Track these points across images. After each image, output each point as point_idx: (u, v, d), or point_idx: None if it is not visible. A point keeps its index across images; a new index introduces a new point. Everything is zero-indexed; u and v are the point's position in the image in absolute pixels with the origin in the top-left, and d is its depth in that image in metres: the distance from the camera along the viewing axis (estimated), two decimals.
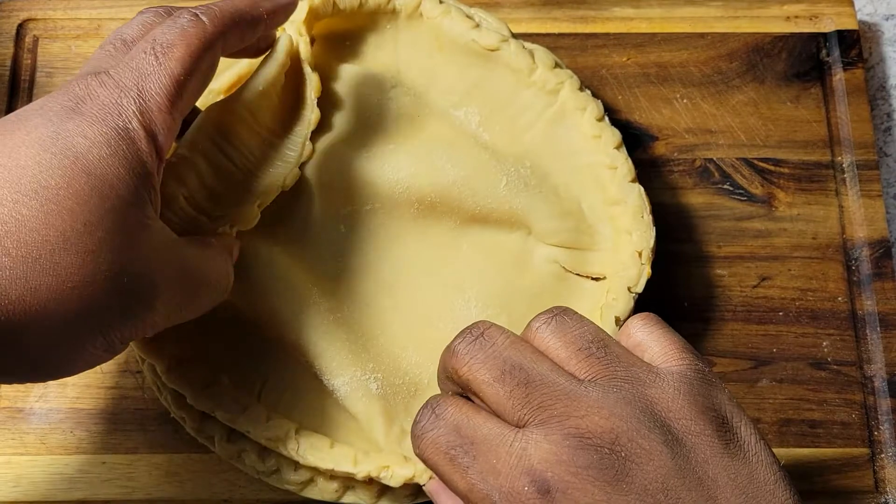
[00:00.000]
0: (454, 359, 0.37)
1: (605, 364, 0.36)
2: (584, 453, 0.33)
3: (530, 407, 0.35)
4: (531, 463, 0.33)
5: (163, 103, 0.37)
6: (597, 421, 0.34)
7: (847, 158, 0.57)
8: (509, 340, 0.37)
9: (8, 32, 0.59)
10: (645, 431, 0.33)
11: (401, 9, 0.53)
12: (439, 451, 0.36)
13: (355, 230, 0.51)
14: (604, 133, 0.51)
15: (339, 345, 0.48)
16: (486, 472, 0.34)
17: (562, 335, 0.37)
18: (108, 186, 0.34)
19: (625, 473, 0.33)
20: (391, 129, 0.51)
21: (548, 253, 0.50)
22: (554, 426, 0.34)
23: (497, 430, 0.35)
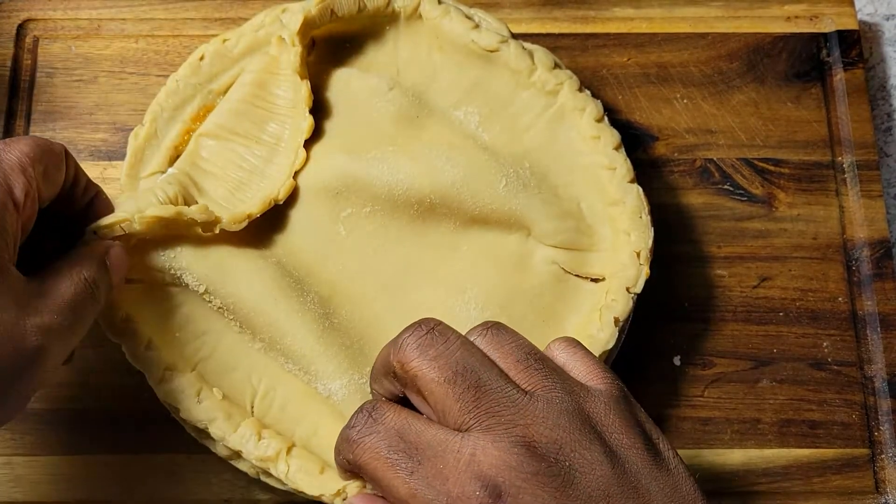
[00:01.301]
0: (401, 353, 0.37)
1: (543, 376, 0.37)
2: (533, 461, 0.34)
3: (478, 412, 0.35)
4: (481, 468, 0.34)
5: (15, 165, 0.40)
6: (542, 431, 0.35)
7: (847, 158, 0.57)
8: (460, 341, 0.37)
9: (8, 33, 0.59)
10: (586, 443, 0.35)
11: (400, 10, 0.53)
12: (379, 457, 0.36)
13: (355, 232, 0.51)
14: (603, 134, 0.51)
15: (336, 349, 0.48)
16: (431, 476, 0.34)
17: (499, 346, 0.38)
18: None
19: (570, 481, 0.34)
20: (391, 130, 0.51)
21: (547, 254, 0.50)
22: (501, 433, 0.34)
23: (441, 436, 0.35)
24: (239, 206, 0.50)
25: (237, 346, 0.49)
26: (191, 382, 0.47)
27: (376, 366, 0.40)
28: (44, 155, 0.41)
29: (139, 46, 0.59)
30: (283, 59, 0.51)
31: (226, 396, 0.47)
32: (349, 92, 0.52)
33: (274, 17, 0.53)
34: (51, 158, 0.42)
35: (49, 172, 0.42)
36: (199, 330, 0.49)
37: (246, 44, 0.53)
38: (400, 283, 0.50)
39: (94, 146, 0.57)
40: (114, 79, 0.58)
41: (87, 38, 0.59)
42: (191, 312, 0.49)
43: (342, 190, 0.50)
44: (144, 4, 0.60)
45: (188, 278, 0.48)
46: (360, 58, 0.54)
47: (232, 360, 0.48)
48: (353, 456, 0.37)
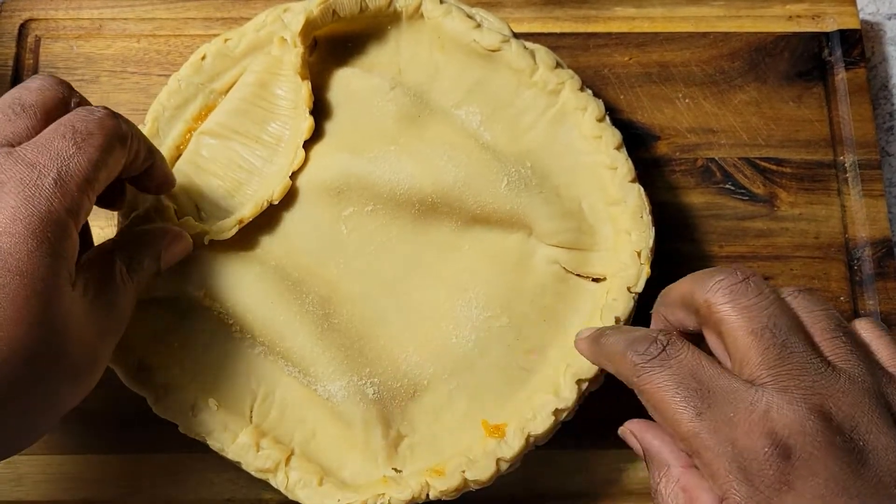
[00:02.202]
0: (711, 294, 0.37)
1: (849, 350, 0.36)
2: (829, 431, 0.34)
3: (778, 370, 0.35)
4: (774, 426, 0.34)
5: (81, 185, 0.38)
6: (841, 405, 0.34)
7: (849, 158, 0.57)
8: (774, 297, 0.37)
9: (10, 32, 0.59)
10: (885, 427, 0.34)
11: (402, 10, 0.53)
12: (667, 390, 0.36)
13: (356, 231, 0.51)
14: (604, 133, 0.51)
15: (335, 350, 0.48)
16: (719, 422, 0.35)
17: (810, 311, 0.38)
18: (37, 280, 0.36)
19: (863, 460, 0.34)
20: (392, 129, 0.51)
21: (549, 253, 0.50)
22: (797, 396, 0.34)
23: (735, 385, 0.35)
24: (233, 211, 0.50)
25: (236, 352, 0.49)
26: (186, 397, 0.47)
27: (673, 295, 0.40)
28: (110, 154, 0.40)
29: (141, 46, 0.59)
30: (284, 59, 0.51)
31: (222, 406, 0.47)
32: (351, 91, 0.52)
33: (275, 17, 0.53)
34: (117, 155, 0.41)
35: (112, 169, 0.41)
36: (200, 339, 0.49)
37: (247, 43, 0.53)
38: (401, 283, 0.50)
39: None
40: (115, 78, 0.58)
41: (89, 37, 0.59)
42: (189, 321, 0.49)
43: (344, 189, 0.50)
44: (146, 4, 0.60)
45: (188, 286, 0.48)
46: (361, 57, 0.54)
47: (231, 366, 0.49)
48: (637, 381, 0.37)
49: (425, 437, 0.48)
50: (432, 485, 0.45)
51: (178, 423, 0.47)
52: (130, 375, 0.47)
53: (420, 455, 0.47)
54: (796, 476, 0.33)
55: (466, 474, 0.45)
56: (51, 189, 0.37)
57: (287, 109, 0.51)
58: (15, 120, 0.39)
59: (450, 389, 0.48)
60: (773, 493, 0.33)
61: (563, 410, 0.47)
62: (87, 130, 0.39)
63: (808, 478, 0.33)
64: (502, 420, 0.47)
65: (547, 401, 0.46)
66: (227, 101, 0.52)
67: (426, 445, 0.47)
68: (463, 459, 0.46)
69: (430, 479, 0.45)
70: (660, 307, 0.42)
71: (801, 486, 0.33)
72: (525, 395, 0.48)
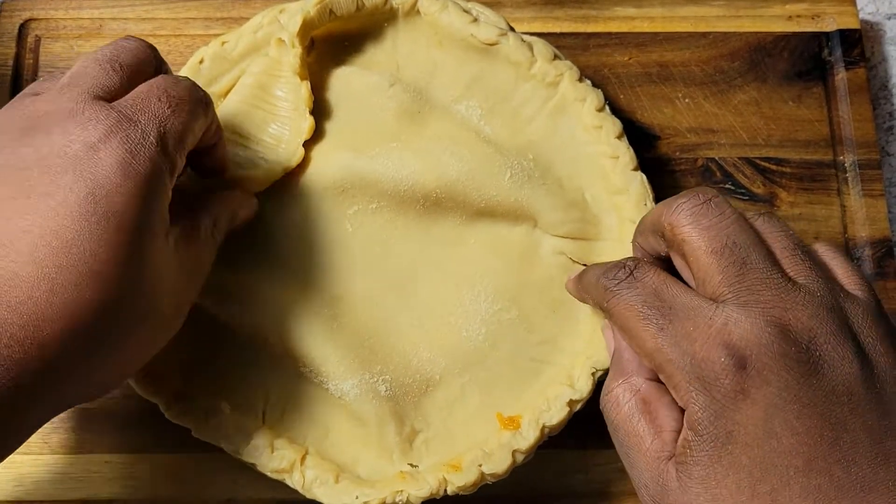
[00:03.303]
0: (674, 216, 0.39)
1: (808, 267, 0.38)
2: (785, 342, 0.35)
3: (738, 287, 0.37)
4: (731, 338, 0.35)
5: (177, 145, 0.40)
6: (799, 317, 0.36)
7: (849, 158, 0.57)
8: (735, 217, 0.39)
9: (10, 32, 0.59)
10: (841, 338, 0.36)
11: (398, 7, 0.53)
12: (632, 310, 0.38)
13: (362, 229, 0.51)
14: (604, 123, 0.51)
15: (345, 349, 0.48)
16: (679, 336, 0.36)
17: (771, 231, 0.39)
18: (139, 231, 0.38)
19: (817, 371, 0.35)
20: (393, 126, 0.51)
21: (554, 244, 0.50)
22: (756, 310, 0.36)
23: (696, 301, 0.37)
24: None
25: (246, 355, 0.49)
26: (197, 402, 0.47)
27: (645, 221, 0.42)
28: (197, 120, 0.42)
29: None
30: (283, 60, 0.51)
31: (235, 408, 0.47)
32: (350, 90, 0.53)
33: (272, 18, 0.53)
34: (201, 122, 0.43)
35: (196, 135, 0.43)
36: (208, 344, 0.49)
37: (245, 45, 0.53)
38: (408, 279, 0.50)
39: None
40: None
41: (89, 37, 0.59)
42: (199, 329, 0.49)
43: (348, 187, 0.50)
44: (146, 4, 0.60)
45: None
46: (359, 56, 0.54)
47: (242, 368, 0.49)
48: (607, 304, 0.40)
49: (440, 431, 0.48)
50: (450, 480, 0.45)
51: (192, 427, 0.47)
52: (141, 383, 0.47)
53: (435, 450, 0.47)
54: (751, 385, 0.35)
55: (483, 468, 0.45)
56: (154, 146, 0.38)
57: (287, 110, 0.51)
58: (112, 76, 0.40)
59: (462, 383, 0.48)
60: (729, 402, 0.35)
61: (578, 401, 0.47)
62: (179, 96, 0.41)
63: (763, 386, 0.35)
64: (516, 412, 0.47)
65: (561, 392, 0.47)
66: (226, 104, 0.52)
67: (441, 440, 0.48)
68: (478, 453, 0.46)
69: (447, 475, 0.45)
70: (636, 236, 0.43)
71: (755, 394, 0.35)
72: (539, 386, 0.48)
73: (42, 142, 0.37)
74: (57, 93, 0.39)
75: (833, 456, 0.34)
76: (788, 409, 0.34)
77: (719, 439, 0.35)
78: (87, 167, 0.36)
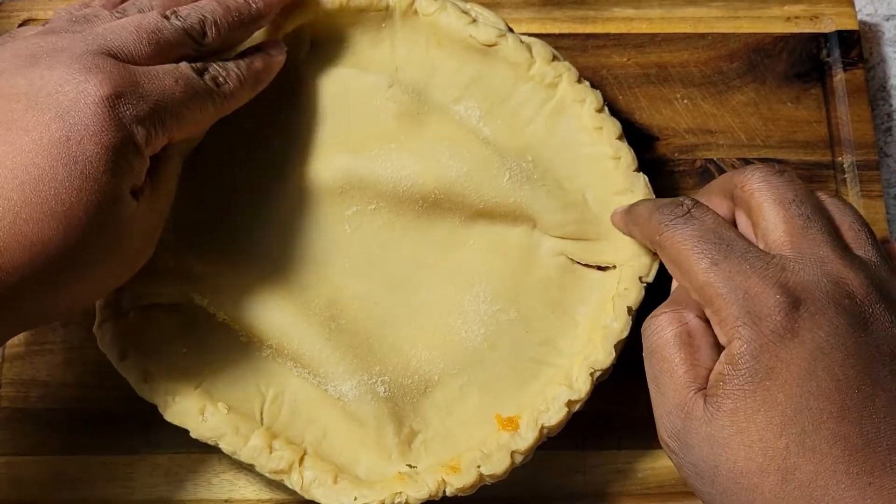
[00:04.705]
0: (747, 176, 0.40)
1: (870, 244, 0.39)
2: (840, 293, 0.36)
3: (801, 239, 0.38)
4: (787, 282, 0.36)
5: (171, 127, 0.41)
6: (853, 278, 0.37)
7: (848, 159, 0.57)
8: (804, 186, 0.41)
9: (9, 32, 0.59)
10: (892, 305, 0.37)
11: (394, 6, 0.53)
12: (687, 244, 0.39)
13: (360, 230, 0.51)
14: (604, 124, 0.51)
15: (344, 350, 0.48)
16: (733, 272, 0.37)
17: (840, 209, 0.41)
18: (114, 186, 0.39)
19: (866, 326, 0.36)
20: (392, 127, 0.51)
21: (554, 245, 0.50)
22: (814, 264, 0.37)
23: (754, 248, 0.38)
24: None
25: (243, 356, 0.49)
26: (194, 402, 0.47)
27: (712, 184, 0.44)
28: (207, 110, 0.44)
29: None
30: None
31: (232, 409, 0.47)
32: (349, 91, 0.52)
33: None
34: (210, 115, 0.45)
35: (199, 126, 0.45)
36: (206, 344, 0.49)
37: None
38: (407, 280, 0.50)
39: None
40: None
41: None
42: (196, 328, 0.49)
43: (346, 188, 0.50)
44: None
45: (193, 293, 0.48)
46: (357, 57, 0.54)
47: (239, 369, 0.49)
48: (660, 237, 0.41)
49: (438, 432, 0.48)
50: (448, 482, 0.45)
51: (190, 428, 0.47)
52: (139, 383, 0.47)
53: (434, 450, 0.47)
54: (802, 326, 0.35)
55: (482, 469, 0.45)
56: (147, 121, 0.40)
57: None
58: (141, 48, 0.42)
59: (461, 384, 0.48)
60: (776, 339, 0.35)
61: (577, 402, 0.47)
62: (197, 88, 0.43)
63: (813, 329, 0.35)
64: (515, 413, 0.47)
65: (560, 392, 0.47)
66: None
67: (440, 441, 0.48)
68: (477, 454, 0.46)
69: (446, 477, 0.45)
70: (699, 197, 0.44)
71: (805, 335, 0.35)
72: (537, 387, 0.48)
73: (39, 75, 0.38)
74: (80, 38, 0.40)
75: (867, 410, 0.34)
76: (833, 356, 0.35)
77: (758, 374, 0.35)
78: (72, 111, 0.37)
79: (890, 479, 0.33)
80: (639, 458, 0.52)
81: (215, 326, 0.49)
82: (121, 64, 0.40)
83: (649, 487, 0.51)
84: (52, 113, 0.37)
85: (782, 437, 0.34)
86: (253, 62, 0.47)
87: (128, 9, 0.45)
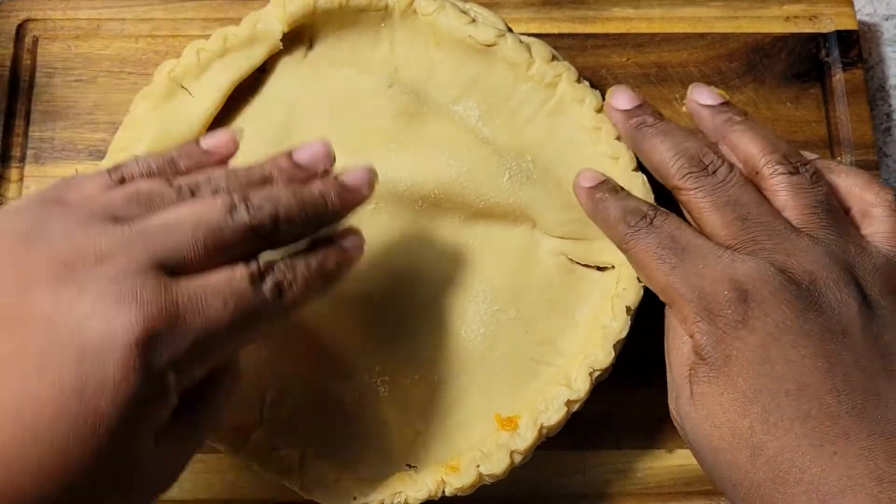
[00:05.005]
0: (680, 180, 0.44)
1: (824, 225, 0.41)
2: (785, 281, 0.39)
3: (742, 238, 0.41)
4: (736, 275, 0.39)
5: (208, 359, 0.36)
6: (801, 261, 0.39)
7: (847, 159, 0.57)
8: (735, 179, 0.43)
9: (8, 33, 0.59)
10: (841, 284, 0.39)
11: (393, 6, 0.53)
12: (649, 251, 0.42)
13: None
14: (604, 124, 0.51)
15: (343, 350, 0.48)
16: (689, 273, 0.40)
17: (796, 191, 0.42)
18: (128, 442, 0.33)
19: (814, 308, 0.38)
20: (391, 127, 0.51)
21: (553, 245, 0.50)
22: (761, 256, 0.40)
23: (708, 245, 0.41)
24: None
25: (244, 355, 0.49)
26: None
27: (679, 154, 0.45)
28: (243, 340, 0.37)
29: (139, 46, 0.59)
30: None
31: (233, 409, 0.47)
32: (348, 92, 0.52)
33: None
34: (246, 340, 0.38)
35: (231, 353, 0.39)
36: None
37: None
38: (407, 280, 0.50)
39: (93, 146, 0.57)
40: (113, 79, 0.58)
41: (87, 38, 0.59)
42: None
43: None
44: (144, 5, 0.60)
45: None
46: (356, 57, 0.54)
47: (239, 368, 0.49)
48: (626, 246, 0.44)
49: (438, 432, 0.48)
50: (448, 482, 0.45)
51: None
52: None
53: (433, 450, 0.47)
54: (751, 316, 0.38)
55: (481, 468, 0.45)
56: (181, 361, 0.33)
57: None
58: (197, 250, 0.35)
59: (460, 384, 0.49)
60: (730, 330, 0.39)
61: (576, 401, 0.47)
62: (247, 308, 0.36)
63: (762, 317, 0.38)
64: (514, 412, 0.47)
65: (559, 392, 0.47)
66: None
67: (439, 440, 0.48)
68: (477, 454, 0.46)
69: (445, 477, 0.45)
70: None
71: (754, 324, 0.38)
72: (537, 386, 0.48)
73: (67, 298, 0.32)
74: (128, 239, 0.34)
75: (825, 386, 0.37)
76: (784, 340, 0.38)
77: (718, 362, 0.39)
78: (94, 356, 0.32)
79: (854, 447, 0.35)
80: (638, 458, 0.52)
81: None
82: (163, 285, 0.33)
83: (649, 487, 0.51)
84: (72, 355, 0.31)
85: (746, 417, 0.37)
86: (326, 260, 0.39)
87: (201, 186, 0.38)
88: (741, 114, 0.47)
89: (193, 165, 0.40)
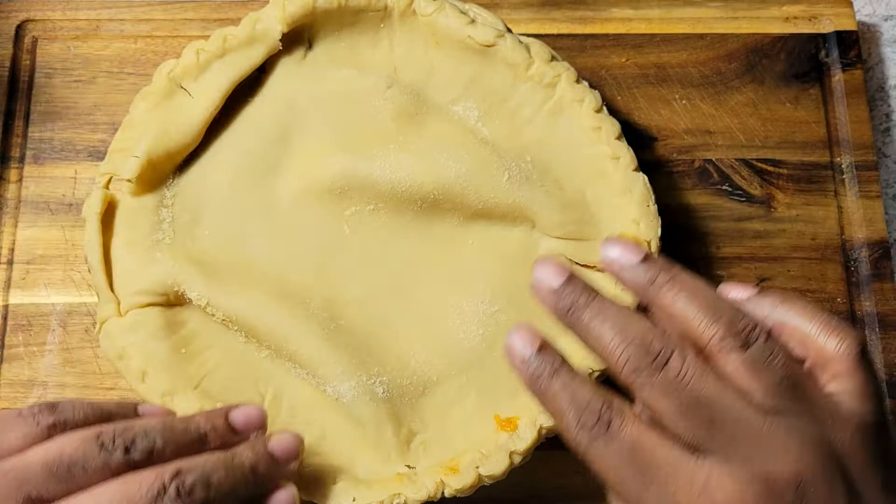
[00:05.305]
0: (628, 376, 0.36)
1: (792, 402, 0.35)
2: (770, 499, 0.33)
3: (714, 442, 0.34)
4: (714, 499, 0.33)
5: None
6: (784, 466, 0.34)
7: (846, 159, 0.57)
8: (693, 370, 0.35)
9: (7, 33, 0.59)
10: (828, 478, 0.34)
11: (393, 7, 0.53)
12: (608, 467, 0.35)
13: (359, 230, 0.51)
14: (603, 124, 0.51)
15: (342, 351, 0.48)
16: (662, 498, 0.34)
17: (755, 370, 0.36)
18: None
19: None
20: (391, 128, 0.51)
21: (553, 245, 0.50)
22: (738, 465, 0.34)
23: (677, 456, 0.34)
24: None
25: (242, 356, 0.49)
26: (193, 402, 0.47)
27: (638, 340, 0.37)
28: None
29: (138, 47, 0.59)
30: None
31: None
32: (348, 92, 0.53)
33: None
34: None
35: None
36: (204, 344, 0.49)
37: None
38: (406, 280, 0.50)
39: (92, 146, 0.57)
40: (112, 79, 0.58)
41: (86, 38, 0.59)
42: (195, 328, 0.49)
43: (346, 189, 0.50)
44: (143, 5, 0.60)
45: (191, 294, 0.48)
46: (356, 58, 0.54)
47: (237, 370, 0.49)
48: (583, 454, 0.36)
49: (437, 432, 0.48)
50: (447, 483, 0.45)
51: None
52: (137, 383, 0.47)
53: (432, 451, 0.47)
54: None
55: (480, 469, 0.45)
56: None
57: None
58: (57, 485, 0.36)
59: (459, 385, 0.48)
60: None
61: None
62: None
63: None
64: (514, 413, 0.47)
65: None
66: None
67: (438, 441, 0.48)
68: (476, 454, 0.46)
69: (445, 478, 0.45)
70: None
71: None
72: None
73: None
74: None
75: None
76: None
77: None
78: None
79: None
80: None
81: (214, 327, 0.49)
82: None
83: None
84: None
85: None
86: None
87: (137, 443, 0.38)
88: (667, 268, 0.38)
89: (130, 416, 0.41)
